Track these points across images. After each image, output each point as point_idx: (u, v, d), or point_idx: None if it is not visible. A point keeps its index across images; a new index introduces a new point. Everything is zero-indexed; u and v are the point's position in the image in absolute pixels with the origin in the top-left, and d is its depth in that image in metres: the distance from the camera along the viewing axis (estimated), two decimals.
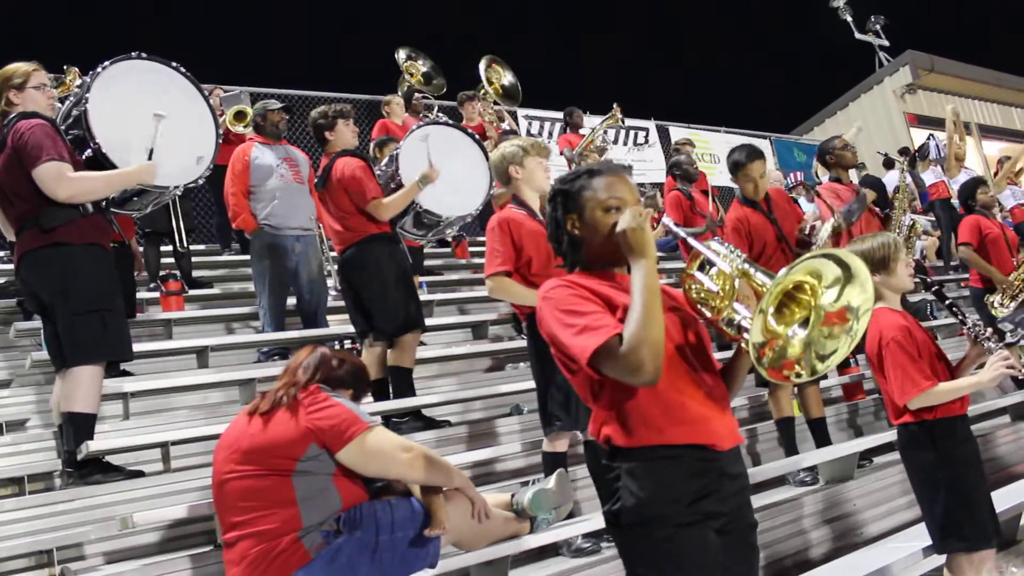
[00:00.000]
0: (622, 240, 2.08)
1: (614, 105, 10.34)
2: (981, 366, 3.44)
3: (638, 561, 2.12)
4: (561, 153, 9.81)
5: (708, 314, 2.18)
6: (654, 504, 2.06)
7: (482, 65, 9.83)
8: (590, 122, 10.87)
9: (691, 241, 2.27)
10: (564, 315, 2.09)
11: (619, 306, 2.10)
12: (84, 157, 4.16)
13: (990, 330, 3.44)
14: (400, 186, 5.56)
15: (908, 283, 3.60)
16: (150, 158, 4.21)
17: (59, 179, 3.88)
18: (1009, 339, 3.43)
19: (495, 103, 9.81)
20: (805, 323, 2.01)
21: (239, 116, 8.01)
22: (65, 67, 7.87)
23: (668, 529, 2.04)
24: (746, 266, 2.07)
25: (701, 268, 2.21)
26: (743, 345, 2.12)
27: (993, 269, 6.86)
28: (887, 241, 3.58)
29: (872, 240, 3.62)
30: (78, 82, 7.80)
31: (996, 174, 10.55)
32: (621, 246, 2.10)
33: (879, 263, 3.53)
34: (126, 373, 5.48)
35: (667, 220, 3.22)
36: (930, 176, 11.57)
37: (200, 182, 4.80)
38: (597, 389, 2.15)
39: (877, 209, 6.45)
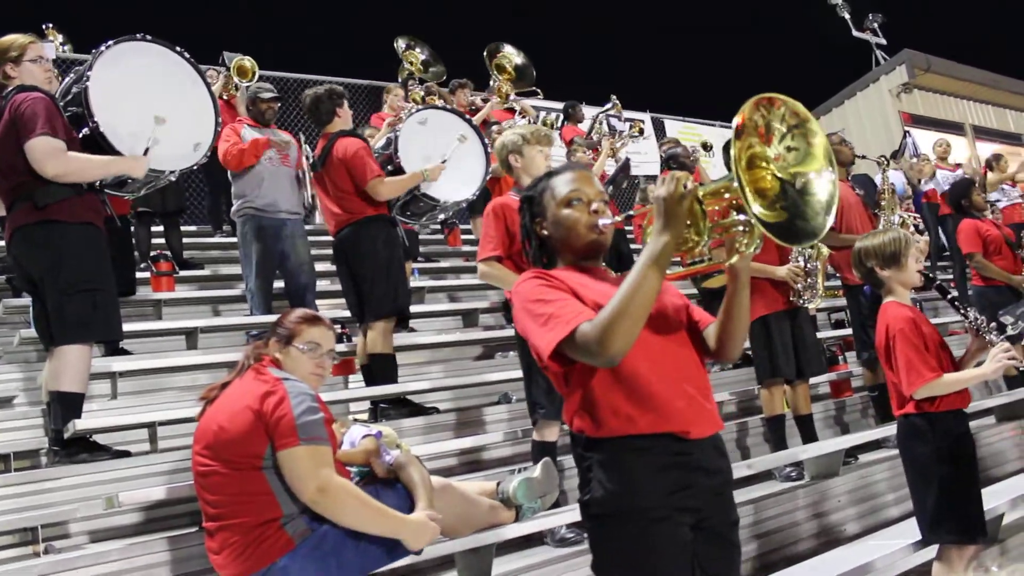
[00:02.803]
0: (655, 208, 1.98)
1: (612, 97, 10.33)
2: (982, 362, 3.49)
3: (604, 552, 2.12)
4: (568, 143, 9.80)
5: (685, 255, 2.10)
6: (622, 497, 2.04)
7: (487, 55, 9.68)
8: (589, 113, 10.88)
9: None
10: (532, 305, 2.08)
11: (588, 303, 2.07)
12: (81, 135, 4.14)
13: (992, 323, 3.49)
14: (398, 169, 5.58)
15: (916, 279, 3.65)
16: (145, 154, 4.21)
17: (50, 155, 3.84)
18: (1010, 331, 3.48)
19: (512, 94, 9.58)
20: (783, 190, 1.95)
21: (241, 71, 7.99)
22: (44, 27, 7.85)
23: (635, 523, 2.03)
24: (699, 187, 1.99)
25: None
26: (740, 251, 2.04)
27: (1006, 274, 6.93)
28: (898, 237, 3.65)
29: (884, 235, 3.68)
30: (60, 39, 7.80)
31: (984, 173, 10.57)
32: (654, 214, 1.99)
33: (890, 258, 3.60)
34: (124, 351, 5.47)
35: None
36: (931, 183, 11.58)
37: (195, 168, 4.81)
38: (566, 378, 2.14)
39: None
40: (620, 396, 2.06)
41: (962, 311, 3.62)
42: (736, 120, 1.93)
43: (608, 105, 10.32)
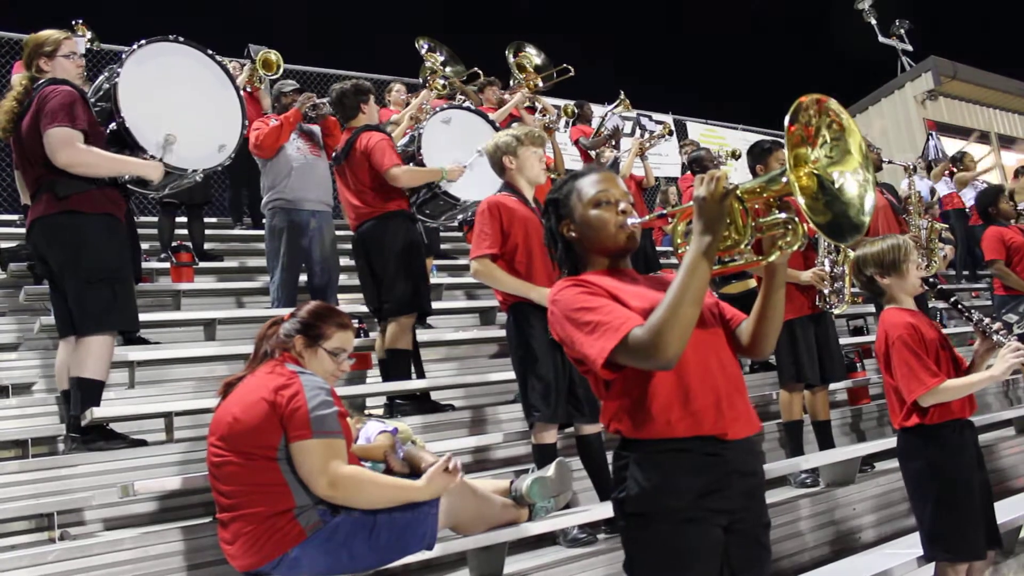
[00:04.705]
0: (695, 208, 1.98)
1: (620, 93, 10.28)
2: (991, 365, 3.43)
3: (637, 550, 2.12)
4: (575, 143, 9.76)
5: (724, 254, 2.09)
6: (657, 496, 2.04)
7: (509, 55, 9.62)
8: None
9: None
10: (576, 313, 2.06)
11: (630, 307, 2.05)
12: (108, 130, 4.22)
13: (998, 324, 3.43)
14: (419, 166, 5.57)
15: (918, 285, 3.59)
16: (162, 159, 4.26)
17: (63, 144, 3.90)
18: (1016, 330, 3.42)
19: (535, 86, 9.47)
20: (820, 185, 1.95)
21: (266, 65, 8.00)
22: (74, 23, 7.94)
23: (669, 522, 2.03)
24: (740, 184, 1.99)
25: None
26: (782, 248, 2.03)
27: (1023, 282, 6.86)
28: (897, 243, 3.57)
29: (882, 242, 3.60)
30: (88, 34, 7.89)
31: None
32: (693, 216, 1.98)
33: (889, 266, 3.52)
34: (143, 341, 5.50)
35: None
36: (943, 187, 11.51)
37: (219, 169, 4.87)
38: (607, 384, 2.13)
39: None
40: (660, 400, 2.06)
41: (967, 314, 3.57)
42: (792, 109, 1.91)
43: (616, 102, 10.24)
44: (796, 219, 1.98)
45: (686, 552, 2.03)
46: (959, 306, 3.61)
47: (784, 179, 1.90)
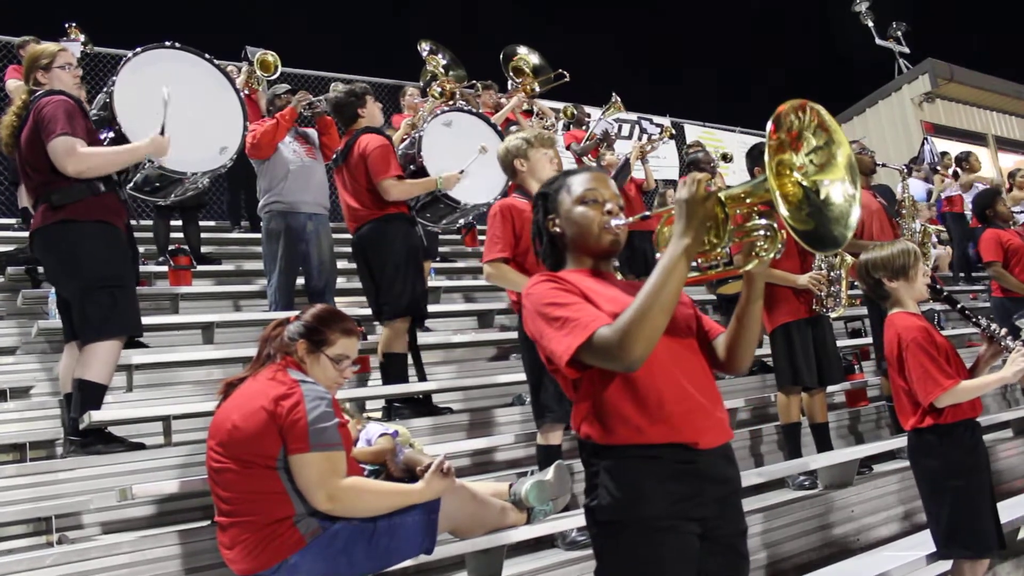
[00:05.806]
0: (676, 210, 1.96)
1: (613, 95, 10.28)
2: (994, 368, 3.48)
3: (609, 560, 2.09)
4: (568, 148, 9.75)
5: (699, 258, 2.08)
6: (629, 505, 2.02)
7: (503, 60, 9.61)
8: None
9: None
10: (546, 308, 2.05)
11: (600, 309, 2.04)
12: (107, 138, 4.26)
13: (1005, 329, 3.46)
14: (420, 168, 5.57)
15: (925, 290, 3.62)
16: (162, 134, 4.26)
17: (69, 153, 3.93)
18: None
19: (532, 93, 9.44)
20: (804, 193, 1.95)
21: (264, 66, 7.99)
22: (67, 25, 7.95)
23: (641, 531, 2.01)
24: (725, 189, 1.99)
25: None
26: (760, 256, 2.02)
27: (1022, 285, 6.86)
28: (907, 249, 3.60)
29: (891, 247, 3.63)
30: (82, 37, 7.93)
31: (1009, 189, 10.48)
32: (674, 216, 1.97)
33: (899, 270, 3.56)
34: (140, 344, 5.50)
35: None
36: (953, 188, 11.51)
37: (222, 171, 4.88)
38: (575, 385, 2.12)
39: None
40: (630, 405, 2.04)
41: (974, 320, 3.59)
42: (774, 115, 1.90)
43: (606, 106, 10.24)
44: (775, 226, 1.98)
45: (658, 560, 2.00)
46: (966, 312, 3.64)
47: (767, 186, 1.89)
